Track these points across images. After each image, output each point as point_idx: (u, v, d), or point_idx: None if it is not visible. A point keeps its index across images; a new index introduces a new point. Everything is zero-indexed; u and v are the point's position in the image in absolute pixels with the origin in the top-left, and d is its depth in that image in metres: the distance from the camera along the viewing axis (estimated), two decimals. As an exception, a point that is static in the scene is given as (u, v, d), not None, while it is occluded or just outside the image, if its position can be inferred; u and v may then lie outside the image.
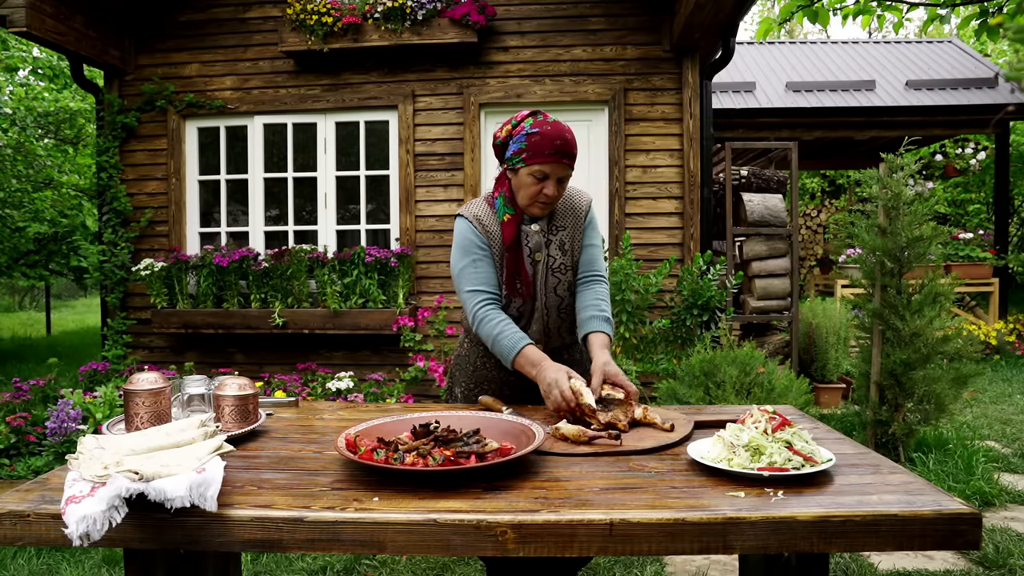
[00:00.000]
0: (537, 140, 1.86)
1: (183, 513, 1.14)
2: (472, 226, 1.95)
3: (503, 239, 1.92)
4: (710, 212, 5.46)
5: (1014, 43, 2.72)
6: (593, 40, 5.43)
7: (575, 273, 2.04)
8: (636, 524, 1.11)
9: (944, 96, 8.50)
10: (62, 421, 3.52)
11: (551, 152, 1.84)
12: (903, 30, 23.02)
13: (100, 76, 6.09)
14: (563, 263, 2.00)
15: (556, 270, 1.99)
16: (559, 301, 2.01)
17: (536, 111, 1.93)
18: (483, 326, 1.91)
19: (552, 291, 1.99)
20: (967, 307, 8.45)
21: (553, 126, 1.88)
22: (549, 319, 2.01)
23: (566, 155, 1.87)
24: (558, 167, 1.87)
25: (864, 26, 5.05)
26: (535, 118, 1.90)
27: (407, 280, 5.32)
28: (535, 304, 2.00)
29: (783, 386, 3.89)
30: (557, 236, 2.00)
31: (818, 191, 14.28)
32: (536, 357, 1.82)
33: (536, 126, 1.88)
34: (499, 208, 1.94)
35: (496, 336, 1.88)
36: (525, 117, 1.91)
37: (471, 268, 1.94)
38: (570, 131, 1.91)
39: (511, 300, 1.99)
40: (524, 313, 2.01)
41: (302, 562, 2.86)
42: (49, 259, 10.11)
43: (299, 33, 5.36)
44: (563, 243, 2.00)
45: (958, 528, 1.12)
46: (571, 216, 2.03)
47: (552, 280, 1.99)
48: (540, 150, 1.85)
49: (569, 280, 2.01)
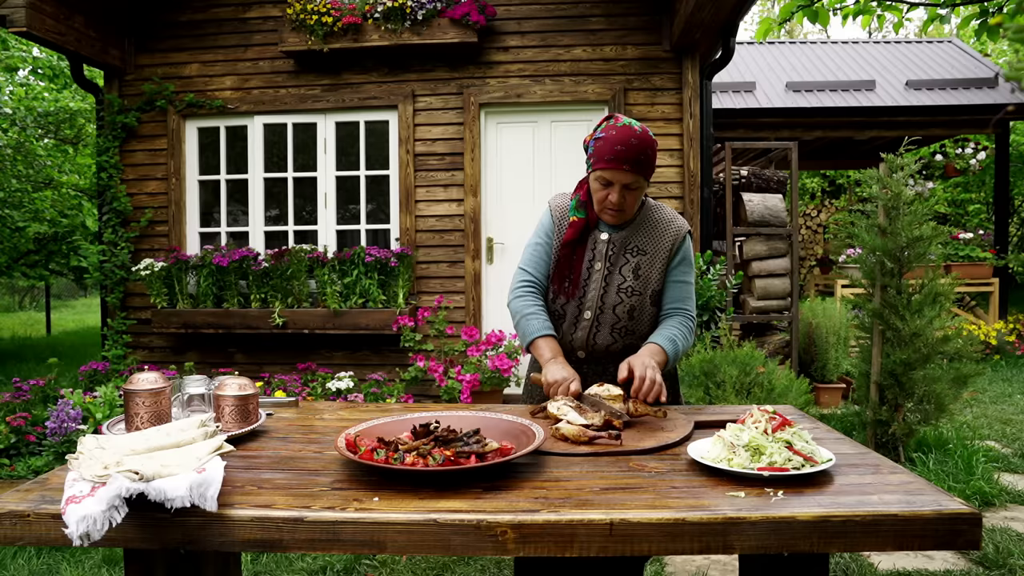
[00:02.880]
0: (600, 145, 1.81)
1: (183, 513, 1.14)
2: (551, 214, 2.02)
3: (564, 237, 1.95)
4: (710, 212, 5.46)
5: (1014, 43, 2.72)
6: (593, 40, 5.43)
7: (652, 302, 1.95)
8: (636, 524, 1.11)
9: (944, 96, 8.50)
10: (62, 421, 3.52)
11: (610, 158, 1.78)
12: (903, 30, 23.02)
13: (100, 76, 6.09)
14: (633, 287, 1.91)
15: (623, 290, 1.91)
16: (615, 320, 1.93)
17: (612, 115, 1.88)
18: (516, 302, 2.00)
19: (611, 309, 1.92)
20: (967, 307, 8.45)
21: (620, 130, 1.80)
22: (598, 333, 1.94)
23: (627, 161, 1.77)
24: (619, 173, 1.79)
25: (864, 26, 5.05)
26: (607, 122, 1.85)
27: (407, 280, 5.32)
28: (581, 311, 1.94)
29: (783, 386, 3.89)
30: (635, 259, 1.92)
31: (818, 191, 14.28)
32: (550, 351, 1.88)
33: (604, 130, 1.83)
34: (571, 209, 1.97)
35: (524, 315, 1.96)
36: (603, 120, 1.88)
37: (531, 250, 2.03)
38: (639, 135, 1.79)
39: (556, 297, 1.97)
40: (566, 314, 1.96)
41: (302, 562, 2.86)
42: (49, 259, 10.11)
43: (299, 33, 5.36)
44: (638, 267, 1.92)
45: (958, 528, 1.12)
46: (655, 242, 1.94)
47: (614, 298, 1.92)
48: (601, 155, 1.80)
49: (637, 305, 1.92)
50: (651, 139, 1.83)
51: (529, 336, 1.93)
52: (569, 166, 5.48)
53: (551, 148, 5.55)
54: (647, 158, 1.81)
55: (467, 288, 5.49)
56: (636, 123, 1.84)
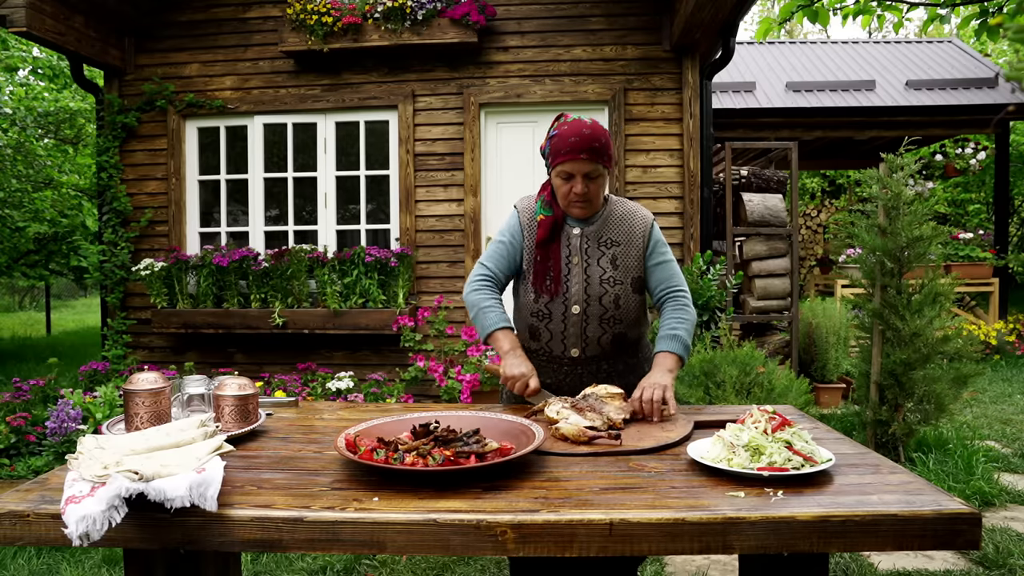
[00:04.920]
0: (556, 141, 1.91)
1: (183, 513, 1.14)
2: (519, 216, 2.06)
3: (536, 237, 1.99)
4: (710, 212, 5.46)
5: (1014, 43, 2.72)
6: (593, 40, 5.43)
7: (636, 289, 2.00)
8: (636, 524, 1.11)
9: (944, 96, 8.50)
10: (62, 421, 3.52)
11: (567, 150, 1.87)
12: (903, 30, 23.02)
13: (100, 76, 6.09)
14: (614, 276, 1.97)
15: (605, 281, 1.96)
16: (603, 311, 1.95)
17: (560, 114, 1.98)
18: (472, 295, 2.04)
19: (597, 300, 1.95)
20: (967, 307, 8.44)
21: (571, 124, 1.90)
22: (588, 326, 1.96)
23: (583, 150, 1.85)
24: (578, 163, 1.87)
25: (864, 26, 5.05)
26: (557, 121, 1.95)
27: (407, 280, 5.32)
28: (568, 307, 1.96)
29: (783, 386, 3.89)
30: (610, 250, 1.98)
31: (818, 191, 14.28)
32: (509, 343, 1.95)
33: (557, 128, 1.93)
34: (537, 209, 2.02)
35: (481, 308, 2.00)
36: (553, 122, 1.97)
37: (494, 247, 2.07)
38: (590, 125, 1.89)
39: (539, 297, 1.98)
40: (552, 313, 1.97)
41: (302, 562, 2.86)
42: (49, 259, 10.10)
43: (299, 33, 5.36)
44: (615, 258, 1.98)
45: (958, 528, 1.12)
46: (627, 233, 2.00)
47: (598, 289, 1.95)
48: (559, 150, 1.89)
49: (621, 294, 1.96)
50: (603, 128, 1.92)
51: (487, 329, 1.98)
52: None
53: (551, 148, 5.54)
54: (602, 146, 1.89)
55: (467, 288, 5.48)
56: (586, 117, 1.95)
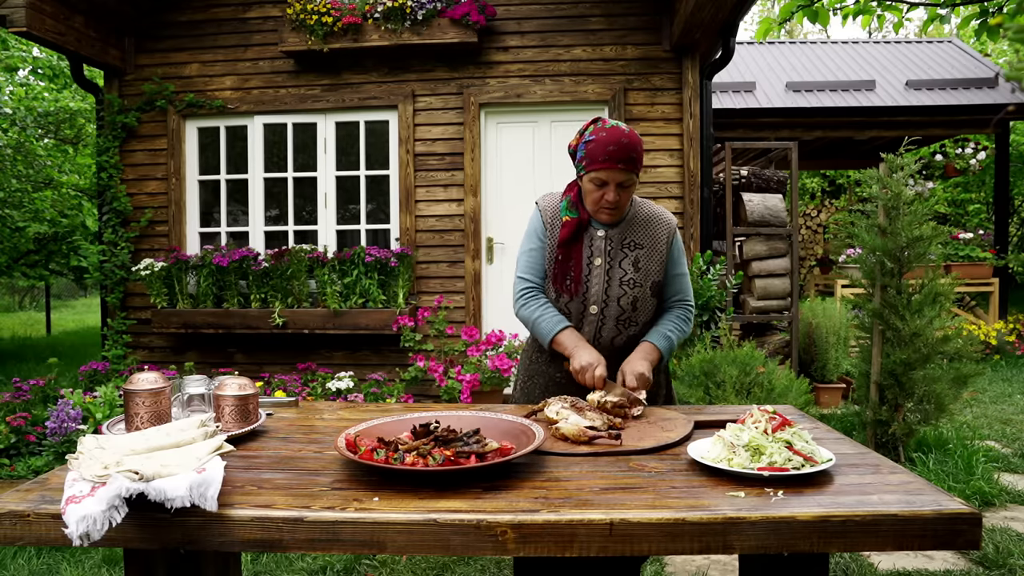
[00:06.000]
0: (592, 147, 1.88)
1: (183, 513, 1.14)
2: (542, 216, 2.05)
3: (559, 237, 1.99)
4: (710, 212, 5.46)
5: (1014, 43, 2.72)
6: (593, 40, 5.43)
7: (654, 292, 2.02)
8: (636, 524, 1.11)
9: (944, 96, 8.50)
10: (62, 421, 3.52)
11: (604, 158, 1.85)
12: (903, 30, 23.01)
13: (100, 76, 6.09)
14: (635, 279, 1.98)
15: (625, 283, 1.97)
16: (620, 312, 1.98)
17: (597, 118, 1.95)
18: (524, 309, 2.04)
19: (615, 301, 1.98)
20: (967, 307, 8.44)
21: (609, 132, 1.87)
22: (604, 326, 1.99)
23: (621, 160, 1.84)
24: (614, 172, 1.86)
25: (864, 26, 5.05)
26: (594, 125, 1.93)
27: (407, 280, 5.32)
28: (586, 307, 1.99)
29: (783, 386, 3.89)
30: (633, 253, 1.99)
31: (818, 191, 14.27)
32: (573, 340, 1.93)
33: (593, 133, 1.90)
34: (562, 209, 2.01)
35: (537, 319, 2.00)
36: (588, 125, 1.95)
37: (526, 257, 2.06)
38: (628, 135, 1.88)
39: (559, 296, 2.00)
40: (571, 312, 2.01)
41: (302, 562, 2.86)
42: (49, 259, 10.10)
43: (299, 33, 5.36)
44: (638, 260, 1.99)
45: (958, 528, 1.12)
46: (652, 236, 2.01)
47: (617, 291, 1.97)
48: (595, 157, 1.87)
49: (639, 296, 1.99)
50: (638, 138, 1.92)
51: (549, 335, 1.97)
52: (569, 166, 5.48)
53: (551, 148, 5.55)
54: (638, 155, 1.89)
55: (467, 288, 5.49)
56: (622, 123, 1.93)
